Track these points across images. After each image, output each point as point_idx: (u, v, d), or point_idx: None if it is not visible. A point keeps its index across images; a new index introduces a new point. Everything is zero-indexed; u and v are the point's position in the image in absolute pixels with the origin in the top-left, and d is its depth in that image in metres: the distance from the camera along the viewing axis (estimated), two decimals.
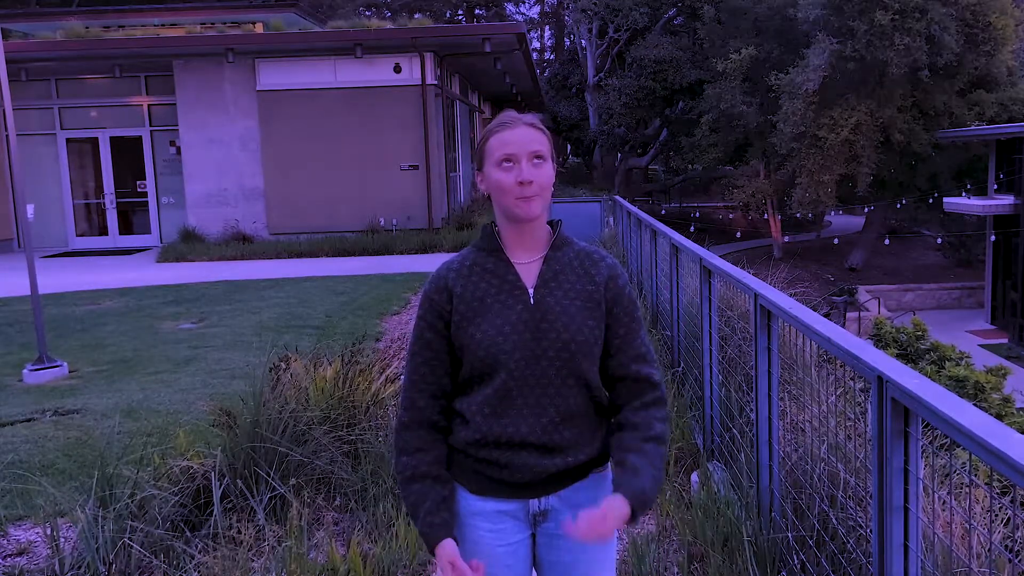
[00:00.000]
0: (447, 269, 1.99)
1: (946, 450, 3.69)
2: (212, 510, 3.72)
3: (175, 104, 18.23)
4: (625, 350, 1.98)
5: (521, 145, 1.90)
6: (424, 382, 1.98)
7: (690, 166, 34.41)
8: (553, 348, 1.91)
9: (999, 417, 9.65)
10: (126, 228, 19.64)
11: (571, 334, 1.92)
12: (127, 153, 19.32)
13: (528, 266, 1.97)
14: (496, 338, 1.90)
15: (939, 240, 26.80)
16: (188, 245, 17.15)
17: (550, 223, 2.02)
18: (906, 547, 2.18)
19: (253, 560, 3.58)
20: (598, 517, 1.77)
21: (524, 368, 1.91)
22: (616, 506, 1.80)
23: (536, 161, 1.91)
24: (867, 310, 22.61)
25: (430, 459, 1.99)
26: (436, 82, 17.99)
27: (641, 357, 2.00)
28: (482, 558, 1.96)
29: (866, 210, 29.25)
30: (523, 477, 1.94)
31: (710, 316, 4.67)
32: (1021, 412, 10.74)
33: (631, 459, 1.90)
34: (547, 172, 1.92)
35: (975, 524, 2.54)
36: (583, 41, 35.74)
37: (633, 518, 1.82)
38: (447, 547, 1.90)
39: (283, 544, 3.58)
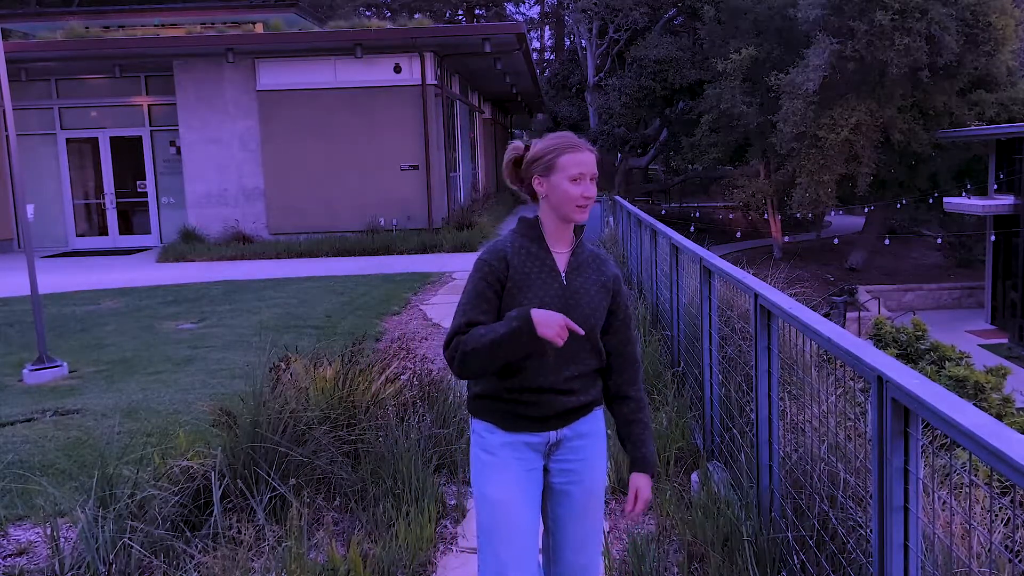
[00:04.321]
0: (502, 246, 2.48)
1: (946, 450, 3.69)
2: (212, 510, 3.72)
3: (175, 104, 18.23)
4: (623, 331, 2.58)
5: (588, 167, 2.45)
6: (478, 322, 2.39)
7: (690, 166, 34.40)
8: (579, 319, 2.42)
9: (999, 417, 9.65)
10: (126, 228, 19.63)
11: (591, 309, 2.47)
12: (127, 153, 19.31)
13: (560, 256, 2.51)
14: (538, 307, 2.37)
15: (939, 240, 26.76)
16: (188, 245, 17.15)
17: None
18: (906, 547, 2.18)
19: (253, 560, 3.58)
20: (639, 498, 2.51)
21: None
22: (643, 485, 2.53)
23: (592, 181, 2.46)
24: (867, 310, 22.60)
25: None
26: (436, 82, 17.98)
27: (633, 340, 2.61)
28: (511, 480, 2.43)
29: (866, 210, 29.23)
30: (547, 412, 2.45)
31: (710, 316, 4.67)
32: (1021, 412, 10.73)
33: (637, 432, 2.57)
34: (595, 190, 2.50)
35: (975, 524, 2.54)
36: (583, 41, 35.76)
37: (652, 476, 2.56)
38: (537, 311, 2.29)
39: (283, 544, 3.58)
